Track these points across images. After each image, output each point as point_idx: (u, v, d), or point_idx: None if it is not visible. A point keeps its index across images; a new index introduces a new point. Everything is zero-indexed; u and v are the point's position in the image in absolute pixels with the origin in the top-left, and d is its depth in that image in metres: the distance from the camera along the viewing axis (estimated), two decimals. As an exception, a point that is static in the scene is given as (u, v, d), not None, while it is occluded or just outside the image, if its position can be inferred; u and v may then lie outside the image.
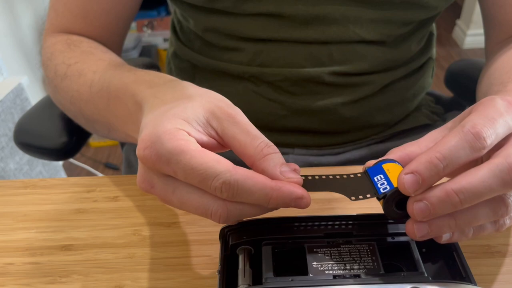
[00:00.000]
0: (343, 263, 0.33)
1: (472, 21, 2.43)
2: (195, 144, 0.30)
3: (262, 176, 0.30)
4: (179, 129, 0.30)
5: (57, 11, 0.56)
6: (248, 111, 0.58)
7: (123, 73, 0.43)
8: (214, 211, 0.30)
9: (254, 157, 0.31)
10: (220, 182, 0.29)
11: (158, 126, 0.30)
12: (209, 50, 0.59)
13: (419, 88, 0.64)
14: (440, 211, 0.29)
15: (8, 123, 1.32)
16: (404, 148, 0.34)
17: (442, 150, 0.29)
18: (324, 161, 0.60)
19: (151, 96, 0.36)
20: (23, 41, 1.68)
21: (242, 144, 0.32)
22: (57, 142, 0.61)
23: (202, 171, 0.29)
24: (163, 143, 0.29)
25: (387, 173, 0.32)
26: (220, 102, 0.33)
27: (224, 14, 0.54)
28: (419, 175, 0.29)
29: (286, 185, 0.30)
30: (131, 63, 0.80)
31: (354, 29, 0.53)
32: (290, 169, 0.31)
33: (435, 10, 0.55)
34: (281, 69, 0.55)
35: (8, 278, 0.40)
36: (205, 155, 0.29)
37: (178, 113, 0.32)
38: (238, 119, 0.32)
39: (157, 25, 2.27)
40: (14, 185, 0.50)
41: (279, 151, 0.32)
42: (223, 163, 0.29)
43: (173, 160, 0.29)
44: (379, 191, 0.31)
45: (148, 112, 0.34)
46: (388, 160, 0.33)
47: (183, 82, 0.37)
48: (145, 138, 0.30)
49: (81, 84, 0.47)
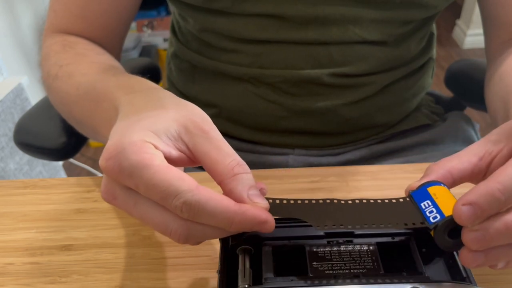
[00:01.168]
0: (343, 263, 0.33)
1: (472, 21, 2.42)
2: (160, 159, 0.29)
3: (226, 199, 0.29)
4: (145, 141, 0.29)
5: (56, 11, 0.56)
6: (248, 113, 0.59)
7: (108, 78, 0.43)
8: (174, 230, 0.29)
9: (223, 175, 0.30)
10: (181, 202, 0.28)
11: (125, 137, 0.29)
12: (208, 51, 0.59)
13: (419, 88, 0.64)
14: (498, 242, 0.28)
15: (8, 123, 1.32)
16: (444, 165, 0.32)
17: (504, 181, 0.27)
18: (325, 161, 0.60)
19: (126, 103, 0.35)
20: (23, 41, 1.68)
21: (213, 161, 0.30)
22: (57, 142, 0.61)
23: (163, 188, 0.28)
24: (127, 156, 0.28)
25: (434, 198, 0.30)
26: (194, 116, 0.32)
27: (222, 15, 0.53)
28: (478, 207, 0.27)
29: (250, 209, 0.29)
30: (131, 63, 0.80)
31: (354, 29, 0.53)
32: (258, 193, 0.30)
33: (435, 9, 0.55)
34: (280, 70, 0.55)
35: (8, 278, 0.40)
36: (168, 171, 0.28)
37: (147, 125, 0.31)
38: (211, 134, 0.31)
39: (157, 25, 2.27)
40: (14, 185, 0.50)
41: (250, 171, 0.31)
42: (186, 181, 0.28)
43: (135, 174, 0.28)
44: (429, 220, 0.29)
45: (120, 120, 0.33)
46: (432, 182, 0.31)
47: (161, 91, 0.37)
48: (110, 148, 0.29)
49: (70, 85, 0.47)
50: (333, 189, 0.48)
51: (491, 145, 0.33)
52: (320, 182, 0.49)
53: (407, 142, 0.62)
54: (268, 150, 0.61)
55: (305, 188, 0.48)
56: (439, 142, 0.63)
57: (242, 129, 0.61)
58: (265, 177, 0.49)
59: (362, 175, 0.49)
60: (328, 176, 0.49)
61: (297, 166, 0.59)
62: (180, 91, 0.66)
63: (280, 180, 0.49)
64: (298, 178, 0.49)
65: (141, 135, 0.29)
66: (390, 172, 0.50)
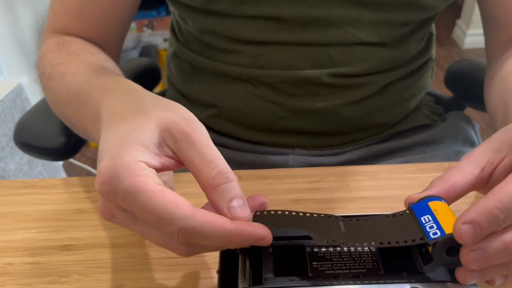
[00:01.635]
0: (343, 263, 0.33)
1: (472, 21, 2.42)
2: (153, 181, 0.29)
3: (221, 220, 0.29)
4: (137, 161, 0.29)
5: (55, 11, 0.56)
6: (248, 113, 0.59)
7: (93, 79, 0.43)
8: (175, 248, 0.30)
9: (206, 185, 0.30)
10: (176, 229, 0.28)
11: (116, 159, 0.29)
12: (207, 51, 0.59)
13: (419, 88, 0.64)
14: (497, 261, 0.28)
15: (8, 123, 1.32)
16: (448, 179, 0.32)
17: (503, 199, 0.27)
18: (325, 161, 0.60)
19: (107, 112, 0.35)
20: (23, 41, 1.68)
21: (196, 169, 0.30)
22: (57, 142, 0.61)
23: (158, 215, 0.28)
24: (121, 180, 0.28)
25: (435, 214, 0.30)
26: (177, 118, 0.31)
27: (222, 16, 0.53)
28: (478, 226, 0.27)
29: (246, 227, 0.29)
30: (131, 63, 0.80)
31: (353, 31, 0.53)
32: (241, 202, 0.30)
33: (434, 10, 0.55)
34: (280, 71, 0.55)
35: (8, 278, 0.40)
36: (162, 196, 0.28)
37: (135, 138, 0.30)
38: (194, 139, 0.30)
39: (157, 25, 2.27)
40: (14, 185, 0.50)
41: (233, 179, 0.30)
42: (181, 207, 0.28)
43: (129, 199, 0.28)
44: (428, 235, 0.29)
45: (105, 131, 0.33)
46: (433, 197, 0.31)
47: (142, 93, 0.36)
48: (103, 171, 0.29)
49: (61, 85, 0.47)
50: (333, 189, 0.48)
51: (493, 154, 0.33)
52: (320, 182, 0.49)
53: (407, 142, 0.62)
54: (268, 150, 0.61)
55: (305, 188, 0.48)
56: (439, 142, 0.63)
57: (242, 129, 0.61)
58: (265, 177, 0.49)
59: (362, 175, 0.49)
60: (328, 176, 0.49)
61: (297, 166, 0.59)
62: (180, 91, 0.66)
63: (280, 180, 0.49)
64: (298, 178, 0.49)
65: (132, 154, 0.29)
66: (390, 172, 0.50)
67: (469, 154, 0.34)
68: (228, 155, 0.61)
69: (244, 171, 0.50)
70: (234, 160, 0.61)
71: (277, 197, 0.47)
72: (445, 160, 0.59)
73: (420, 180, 0.48)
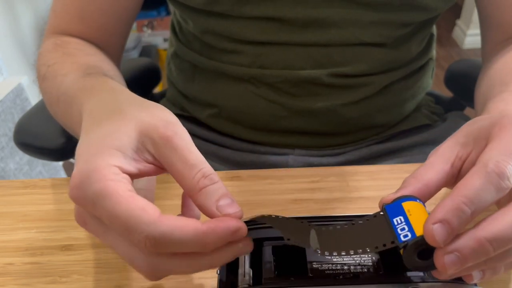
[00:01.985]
0: (343, 263, 0.33)
1: (472, 21, 2.43)
2: (124, 186, 0.28)
3: (192, 222, 0.27)
4: (110, 165, 0.28)
5: (56, 12, 0.56)
6: (249, 112, 0.59)
7: (78, 79, 0.42)
8: (138, 265, 0.28)
9: (191, 190, 0.29)
10: (143, 236, 0.26)
11: (90, 162, 0.28)
12: (208, 51, 0.59)
13: (419, 89, 0.64)
14: (473, 261, 0.27)
15: (8, 123, 1.32)
16: (421, 178, 0.32)
17: (468, 194, 0.27)
18: (325, 161, 0.60)
19: (86, 114, 0.34)
20: (23, 41, 1.68)
21: (179, 174, 0.29)
22: (57, 142, 0.61)
23: (124, 221, 0.26)
24: (91, 184, 0.27)
25: (407, 214, 0.29)
26: (156, 120, 0.30)
27: (223, 17, 0.54)
28: (447, 224, 0.26)
29: (219, 223, 0.27)
30: (131, 63, 0.80)
31: (354, 31, 0.53)
32: (229, 201, 0.29)
33: (435, 11, 0.55)
34: (280, 71, 0.55)
35: (8, 278, 0.40)
36: (131, 201, 0.27)
37: (111, 142, 0.29)
38: (175, 143, 0.29)
39: (157, 25, 2.27)
40: (14, 185, 0.50)
41: (218, 180, 0.29)
42: (148, 212, 0.26)
43: (97, 204, 0.27)
44: (399, 238, 0.28)
45: (83, 134, 0.32)
46: (408, 197, 0.30)
47: (121, 94, 0.36)
48: (75, 176, 0.28)
49: (53, 86, 0.46)
50: (333, 189, 0.48)
51: (460, 148, 0.33)
52: (320, 182, 0.49)
53: (407, 142, 0.62)
54: (268, 150, 0.61)
55: (305, 188, 0.48)
56: (439, 142, 0.62)
57: (242, 129, 0.61)
58: (265, 177, 0.49)
59: (362, 175, 0.49)
60: (328, 176, 0.49)
61: (297, 166, 0.59)
62: (180, 91, 0.66)
63: (280, 180, 0.49)
64: (298, 178, 0.49)
65: (105, 158, 0.28)
66: (390, 172, 0.50)
67: (436, 149, 0.34)
68: (228, 155, 0.61)
69: (244, 171, 0.50)
70: (234, 160, 0.61)
71: (277, 197, 0.47)
72: (445, 160, 0.59)
73: (420, 180, 0.48)
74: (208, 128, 0.64)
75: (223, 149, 0.62)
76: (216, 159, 0.61)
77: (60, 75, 0.46)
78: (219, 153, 0.61)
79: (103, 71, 0.46)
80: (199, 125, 0.64)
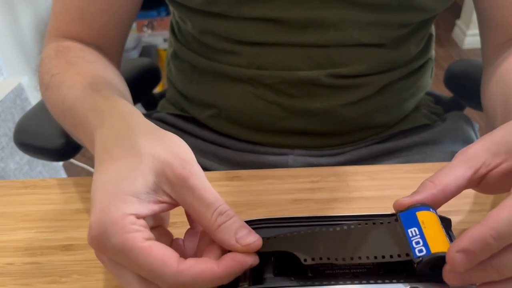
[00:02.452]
0: (343, 263, 0.33)
1: (472, 21, 2.43)
2: (142, 236, 0.29)
3: (208, 267, 0.29)
4: (126, 215, 0.29)
5: (56, 13, 0.56)
6: (248, 113, 0.59)
7: (86, 97, 0.42)
8: None
9: (209, 228, 0.31)
10: (166, 286, 0.29)
11: (105, 214, 0.30)
12: (207, 52, 0.59)
13: (418, 89, 0.64)
14: (477, 281, 0.28)
15: (8, 123, 1.32)
16: (439, 182, 0.32)
17: (498, 227, 0.26)
18: (324, 162, 0.60)
19: (100, 145, 0.35)
20: (23, 41, 1.68)
21: (197, 213, 0.31)
22: (57, 142, 0.61)
23: (147, 272, 0.29)
24: (110, 238, 0.29)
25: (422, 227, 0.30)
26: (172, 159, 0.31)
27: (221, 18, 0.54)
28: (471, 254, 0.27)
29: (233, 264, 0.30)
30: (131, 63, 0.80)
31: (352, 32, 0.53)
32: (247, 231, 0.31)
33: (433, 12, 0.55)
34: (279, 72, 0.55)
35: (8, 278, 0.40)
36: (150, 253, 0.29)
37: (127, 187, 0.30)
38: (192, 183, 0.31)
39: (157, 25, 2.27)
40: (14, 185, 0.50)
41: (234, 215, 0.31)
42: (168, 264, 0.29)
43: (119, 255, 0.29)
44: (414, 252, 0.29)
45: (98, 170, 0.33)
46: (422, 207, 0.31)
47: (132, 124, 0.35)
48: (93, 226, 0.30)
49: (58, 97, 0.46)
50: (333, 189, 0.48)
51: (490, 157, 0.32)
52: (320, 182, 0.49)
53: (406, 142, 0.62)
54: (267, 151, 0.61)
55: (305, 188, 0.48)
56: (438, 142, 0.63)
57: (242, 129, 0.61)
58: (265, 177, 0.49)
59: (361, 175, 0.49)
60: (328, 176, 0.49)
61: (297, 166, 0.59)
62: (180, 91, 0.66)
63: (280, 180, 0.49)
64: (298, 178, 0.49)
65: (121, 207, 0.29)
66: (390, 172, 0.50)
67: (464, 152, 0.33)
68: (228, 155, 0.61)
69: (244, 171, 0.50)
70: (234, 160, 0.61)
71: (277, 197, 0.47)
72: (445, 160, 0.59)
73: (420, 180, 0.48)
74: (207, 128, 0.64)
75: (223, 149, 0.62)
76: (216, 159, 0.61)
77: (64, 87, 0.46)
78: (219, 153, 0.61)
79: (108, 81, 0.46)
80: (198, 125, 0.64)
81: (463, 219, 0.44)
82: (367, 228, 0.32)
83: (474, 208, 0.44)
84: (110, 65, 0.53)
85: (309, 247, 0.31)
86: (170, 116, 0.66)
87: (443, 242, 0.30)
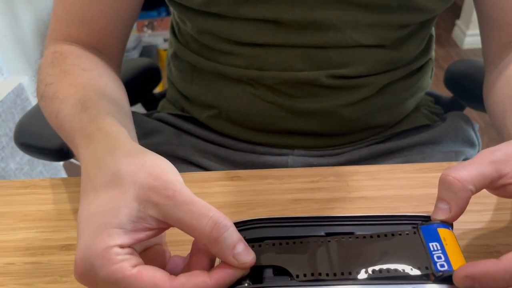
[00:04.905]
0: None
1: (472, 21, 2.43)
2: (129, 264, 0.30)
3: (201, 281, 0.30)
4: (110, 247, 0.29)
5: (57, 15, 0.56)
6: (247, 113, 0.59)
7: (74, 116, 0.42)
8: None
9: (203, 240, 0.31)
10: None
11: (90, 249, 0.30)
12: (206, 52, 0.59)
13: (418, 89, 0.64)
14: None
15: (9, 123, 1.33)
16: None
17: None
18: (324, 162, 0.60)
19: (84, 171, 0.35)
20: (23, 41, 1.68)
21: (189, 227, 0.31)
22: (57, 143, 0.61)
23: None
24: (97, 272, 0.29)
25: (443, 243, 0.31)
26: (154, 182, 0.31)
27: (220, 18, 0.53)
28: (477, 283, 0.28)
29: (225, 277, 0.30)
30: (132, 63, 0.80)
31: (351, 33, 0.53)
32: (243, 247, 0.31)
33: (432, 12, 0.55)
34: (278, 72, 0.55)
35: (9, 278, 0.40)
36: (141, 278, 0.29)
37: (110, 219, 0.30)
38: (178, 199, 0.30)
39: (158, 25, 2.27)
40: (14, 185, 0.50)
41: (230, 226, 0.31)
42: (160, 285, 0.29)
43: (111, 287, 0.30)
44: (436, 266, 0.30)
45: (82, 202, 0.33)
46: (443, 224, 0.32)
47: (114, 150, 0.35)
48: (79, 263, 0.30)
49: (51, 109, 0.46)
50: (333, 189, 0.48)
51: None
52: (320, 182, 0.49)
53: (406, 142, 0.62)
54: (267, 151, 0.61)
55: (305, 188, 0.48)
56: (438, 142, 0.63)
57: (242, 130, 0.61)
58: (265, 177, 0.49)
59: (362, 175, 0.49)
60: (328, 176, 0.49)
61: (297, 166, 0.59)
62: (180, 92, 0.66)
63: (280, 180, 0.49)
64: (298, 178, 0.49)
65: (105, 240, 0.30)
66: (390, 172, 0.50)
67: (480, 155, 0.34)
68: (228, 155, 0.61)
69: (244, 171, 0.50)
70: (234, 160, 0.61)
71: (277, 197, 0.47)
72: (445, 160, 0.59)
73: (420, 180, 0.48)
74: (207, 129, 0.64)
75: (223, 149, 0.62)
76: (216, 159, 0.61)
77: (57, 100, 0.45)
78: (219, 153, 0.61)
79: (101, 93, 0.45)
80: (199, 126, 0.64)
81: (464, 219, 0.43)
82: (382, 240, 0.32)
83: (475, 208, 0.44)
84: (107, 71, 0.52)
85: (306, 261, 0.32)
86: (170, 116, 0.66)
87: (462, 261, 0.30)
